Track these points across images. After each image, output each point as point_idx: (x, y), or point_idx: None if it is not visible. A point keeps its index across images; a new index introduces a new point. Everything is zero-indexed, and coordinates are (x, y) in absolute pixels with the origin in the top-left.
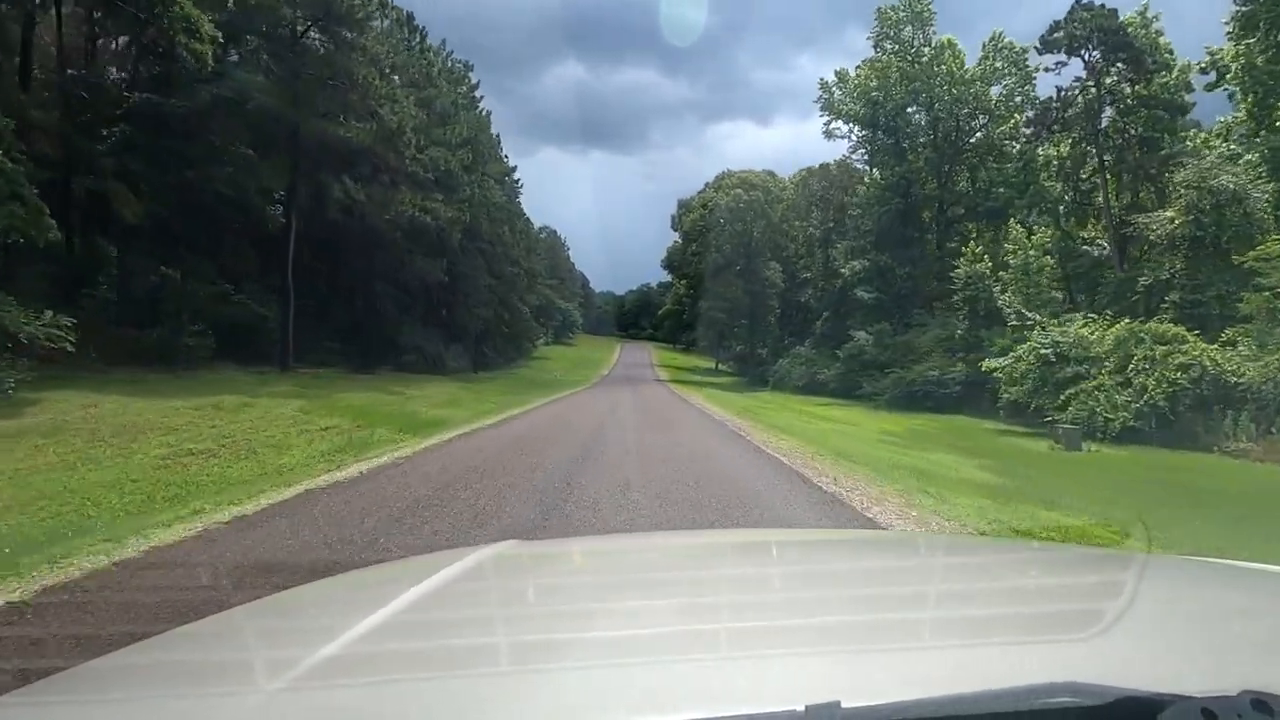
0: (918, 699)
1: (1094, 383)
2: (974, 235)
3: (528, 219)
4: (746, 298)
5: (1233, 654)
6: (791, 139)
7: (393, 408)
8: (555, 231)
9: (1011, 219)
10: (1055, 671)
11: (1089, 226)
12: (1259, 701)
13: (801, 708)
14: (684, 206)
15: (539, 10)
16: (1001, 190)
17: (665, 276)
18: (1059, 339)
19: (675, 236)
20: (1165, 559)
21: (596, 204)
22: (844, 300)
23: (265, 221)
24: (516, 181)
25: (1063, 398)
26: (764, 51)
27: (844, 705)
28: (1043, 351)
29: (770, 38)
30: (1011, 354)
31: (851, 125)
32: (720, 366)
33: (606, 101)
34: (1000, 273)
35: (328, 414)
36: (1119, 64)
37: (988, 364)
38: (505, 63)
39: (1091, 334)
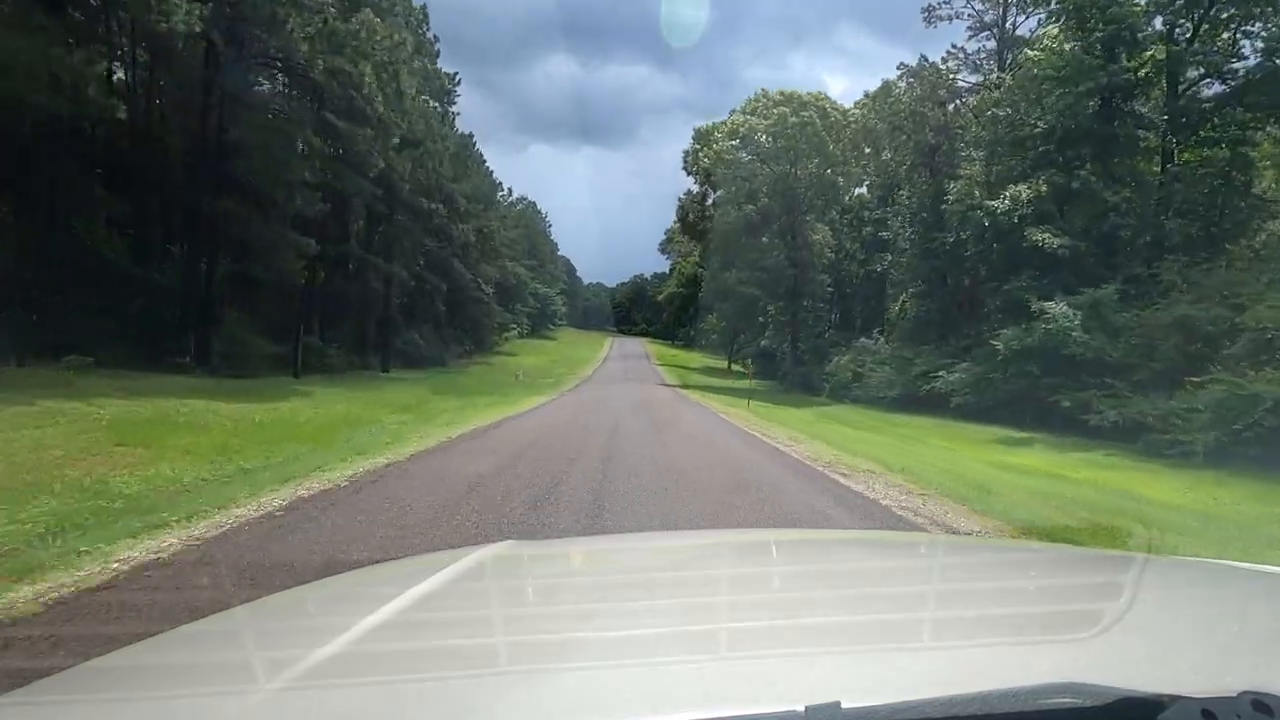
0: (917, 699)
1: None
2: (1238, 137)
3: (487, 165)
4: (791, 269)
5: (1232, 654)
6: None
7: None
8: (534, 204)
9: None
10: (1055, 672)
11: None
12: (1259, 702)
13: (801, 708)
14: (701, 137)
15: (531, 4)
16: None
17: (660, 266)
18: None
19: (690, 183)
20: (1165, 560)
21: (588, 199)
22: (958, 262)
23: None
24: (455, 82)
25: None
26: (756, 49)
27: (844, 705)
28: None
29: (763, 35)
30: None
31: None
32: (734, 367)
33: (598, 97)
34: None
35: None
36: None
37: None
38: (497, 58)
39: None
